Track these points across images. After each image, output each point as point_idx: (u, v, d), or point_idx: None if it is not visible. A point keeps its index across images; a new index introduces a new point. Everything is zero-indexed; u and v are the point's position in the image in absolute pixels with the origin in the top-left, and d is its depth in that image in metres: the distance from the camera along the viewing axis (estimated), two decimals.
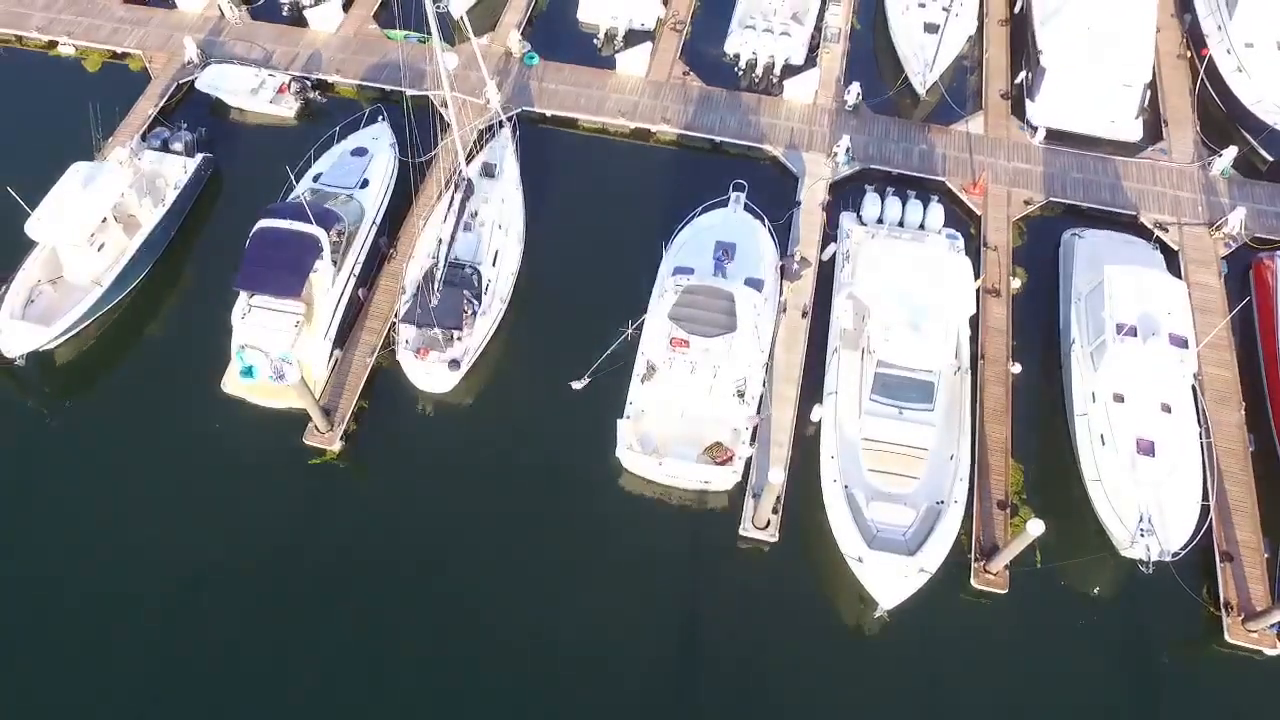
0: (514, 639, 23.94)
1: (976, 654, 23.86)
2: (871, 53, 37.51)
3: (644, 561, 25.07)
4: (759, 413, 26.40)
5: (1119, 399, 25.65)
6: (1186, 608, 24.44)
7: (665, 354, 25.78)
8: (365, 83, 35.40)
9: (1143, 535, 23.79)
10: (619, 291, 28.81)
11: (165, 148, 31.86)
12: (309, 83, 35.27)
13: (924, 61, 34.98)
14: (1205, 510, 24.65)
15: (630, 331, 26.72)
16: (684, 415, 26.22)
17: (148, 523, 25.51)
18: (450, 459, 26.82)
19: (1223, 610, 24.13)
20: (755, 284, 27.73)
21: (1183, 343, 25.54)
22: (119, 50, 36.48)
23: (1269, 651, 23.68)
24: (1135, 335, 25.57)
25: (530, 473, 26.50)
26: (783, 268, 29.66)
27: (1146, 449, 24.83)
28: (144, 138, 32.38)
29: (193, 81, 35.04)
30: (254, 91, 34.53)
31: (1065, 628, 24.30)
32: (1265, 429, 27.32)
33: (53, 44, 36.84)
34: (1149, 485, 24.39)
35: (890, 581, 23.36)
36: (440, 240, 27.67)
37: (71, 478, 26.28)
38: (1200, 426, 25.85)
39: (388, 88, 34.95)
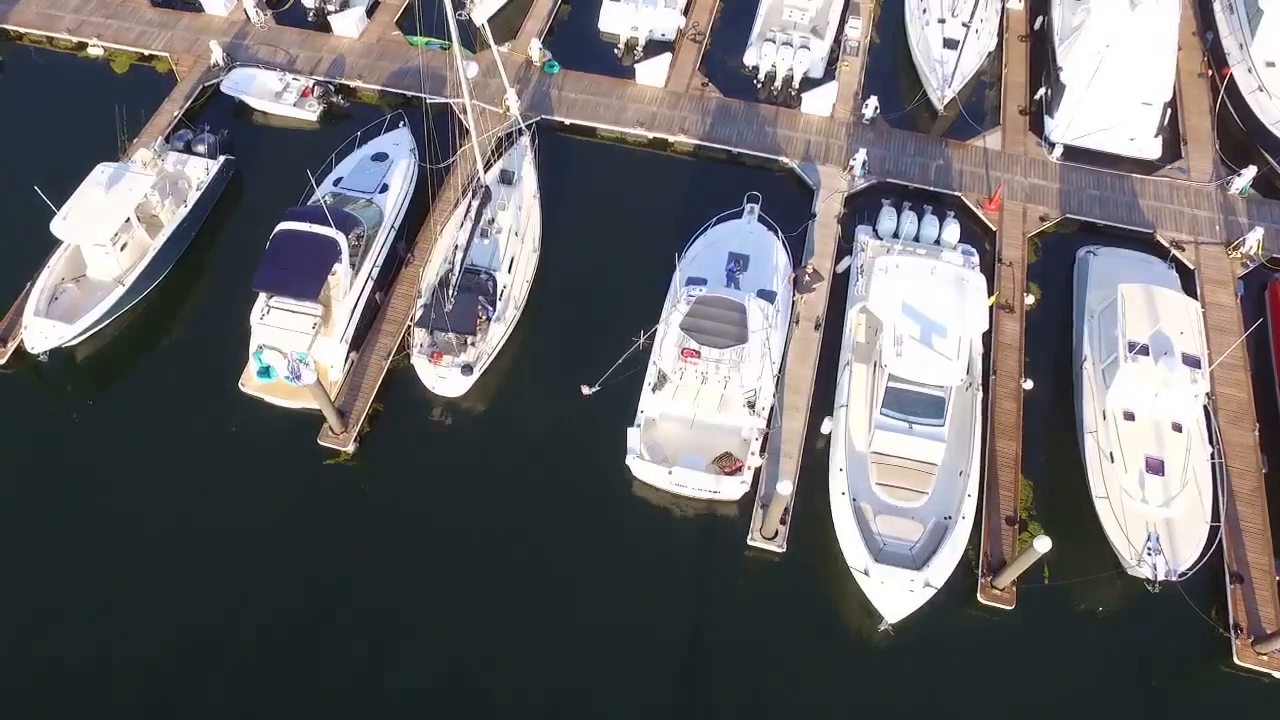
0: (520, 643, 24.11)
1: (981, 670, 23.84)
2: (890, 67, 37.60)
3: (651, 569, 25.21)
4: (769, 425, 26.48)
5: (1129, 417, 25.63)
6: (1195, 628, 24.32)
7: (676, 364, 25.93)
8: (387, 88, 35.79)
9: (1150, 554, 23.76)
10: (633, 300, 29.03)
11: (188, 149, 32.41)
12: (332, 87, 35.68)
13: (942, 76, 35.02)
14: (1215, 531, 24.57)
15: (642, 341, 26.87)
16: (694, 425, 26.38)
17: (162, 519, 25.84)
18: (461, 463, 27.05)
19: (1232, 632, 24.01)
20: (767, 296, 27.89)
21: (1195, 362, 25.48)
22: (146, 52, 37.07)
23: (1278, 674, 23.54)
24: (1147, 354, 25.54)
25: (540, 478, 26.69)
26: (795, 280, 29.77)
27: (1156, 468, 24.81)
28: (168, 139, 32.90)
29: (218, 84, 35.53)
30: (278, 95, 35.01)
31: (1072, 645, 24.25)
32: (1279, 451, 27.16)
33: (82, 45, 37.45)
34: (1157, 504, 24.35)
35: (896, 595, 23.41)
36: (456, 246, 27.96)
37: (89, 473, 26.64)
38: (1212, 447, 25.80)
39: (409, 94, 35.35)
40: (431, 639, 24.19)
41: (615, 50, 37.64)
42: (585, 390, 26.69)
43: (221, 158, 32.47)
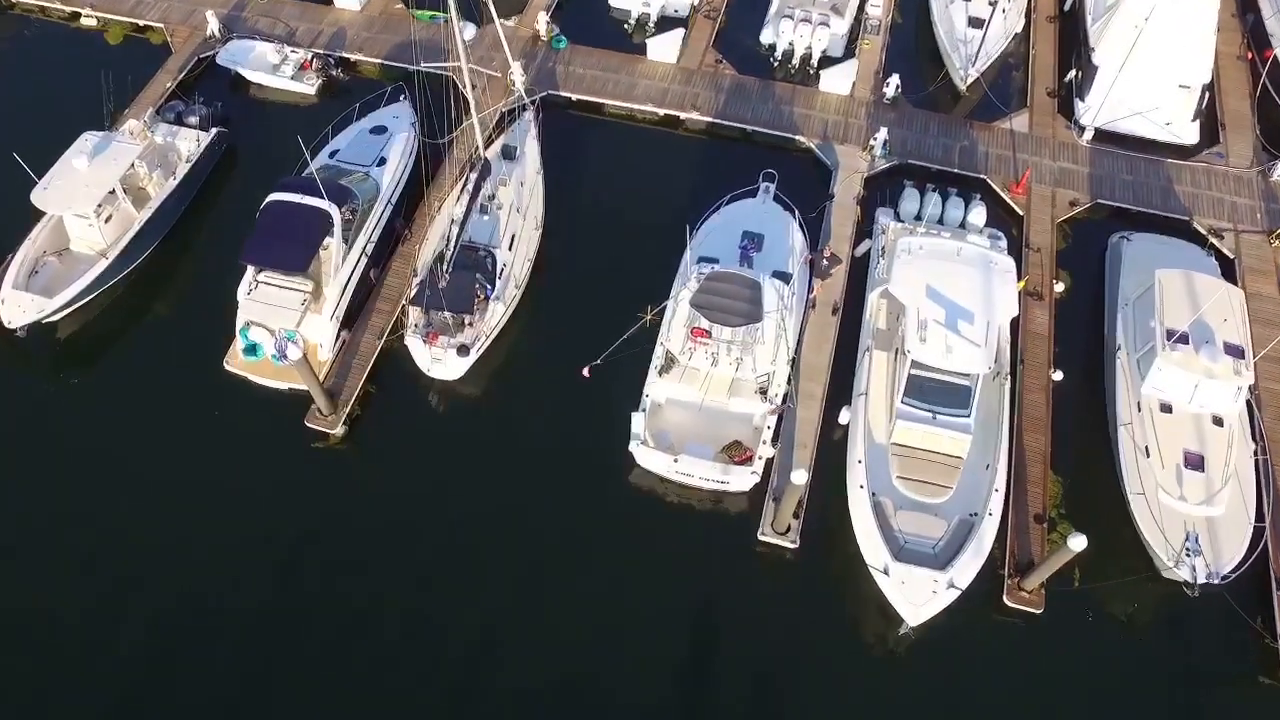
0: (515, 637, 22.78)
1: (1007, 677, 22.36)
2: (913, 45, 36.15)
3: (655, 564, 23.80)
4: (784, 403, 24.97)
5: (1166, 409, 24.11)
6: (1238, 637, 22.76)
7: (685, 344, 24.48)
8: (388, 62, 34.60)
9: (1189, 555, 22.28)
10: (640, 281, 27.50)
11: (179, 121, 31.17)
12: (332, 60, 34.48)
13: (966, 56, 33.54)
14: (1260, 532, 23.01)
15: (649, 318, 25.41)
16: (702, 410, 24.91)
17: (144, 501, 24.63)
18: (456, 449, 25.70)
19: (1279, 642, 22.41)
20: (783, 278, 26.46)
21: (1239, 352, 23.91)
22: (141, 23, 35.98)
23: None
24: (1187, 342, 23.99)
25: (539, 467, 25.31)
26: (812, 262, 28.30)
27: (1195, 463, 23.28)
28: (159, 111, 31.68)
29: (213, 56, 34.35)
30: (276, 68, 33.85)
31: (1104, 653, 22.72)
32: None
33: (76, 15, 36.36)
34: (1196, 502, 22.79)
35: (917, 596, 21.95)
36: (453, 221, 26.60)
37: (69, 452, 25.45)
38: (1256, 443, 24.22)
39: (410, 67, 33.90)
40: (422, 632, 22.84)
41: (626, 26, 36.26)
42: (585, 371, 25.04)
43: (214, 130, 31.26)
